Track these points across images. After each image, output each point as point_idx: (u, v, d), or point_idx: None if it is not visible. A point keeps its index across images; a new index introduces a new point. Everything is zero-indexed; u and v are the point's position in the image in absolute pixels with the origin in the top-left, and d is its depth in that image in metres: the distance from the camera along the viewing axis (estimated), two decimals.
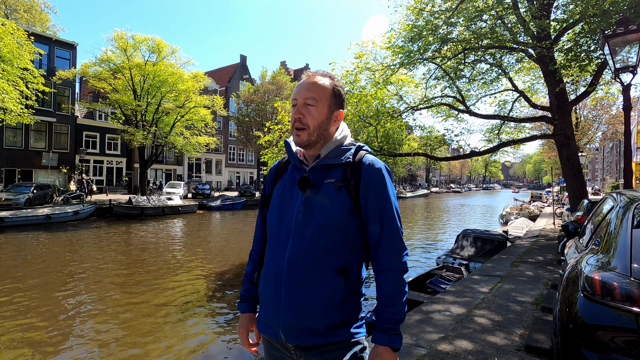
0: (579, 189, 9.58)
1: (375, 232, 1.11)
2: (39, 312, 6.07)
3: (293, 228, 1.10)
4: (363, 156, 1.15)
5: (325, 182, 1.11)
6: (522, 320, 3.75)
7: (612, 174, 51.33)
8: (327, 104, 1.14)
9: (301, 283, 1.07)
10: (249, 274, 1.31)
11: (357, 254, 1.13)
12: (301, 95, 1.12)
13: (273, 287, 1.11)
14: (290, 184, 1.18)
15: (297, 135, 1.13)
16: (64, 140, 24.88)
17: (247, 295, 1.29)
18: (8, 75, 13.78)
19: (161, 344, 5.07)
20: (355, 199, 1.09)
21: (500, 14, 8.94)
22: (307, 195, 1.11)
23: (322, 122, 1.14)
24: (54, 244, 11.91)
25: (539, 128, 22.97)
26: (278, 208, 1.16)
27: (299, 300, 1.06)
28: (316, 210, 1.09)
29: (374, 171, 1.12)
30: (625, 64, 4.48)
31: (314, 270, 1.06)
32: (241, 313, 1.28)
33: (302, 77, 1.18)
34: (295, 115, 1.12)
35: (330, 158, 1.14)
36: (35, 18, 28.70)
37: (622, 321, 1.64)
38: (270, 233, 1.18)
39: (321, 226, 1.07)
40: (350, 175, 1.11)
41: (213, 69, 45.61)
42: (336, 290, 1.07)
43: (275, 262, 1.11)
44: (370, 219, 1.11)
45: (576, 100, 10.17)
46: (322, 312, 1.07)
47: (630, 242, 1.86)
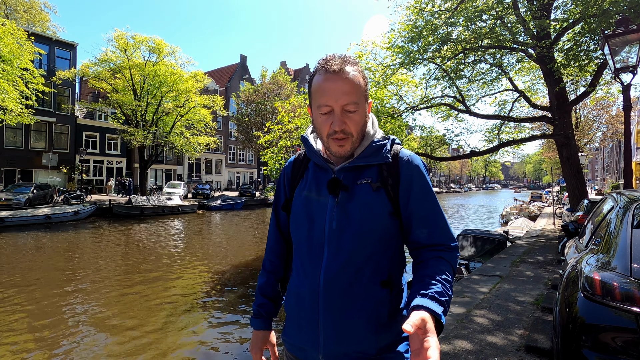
0: (579, 189, 9.58)
1: (421, 236, 0.98)
2: (38, 311, 6.07)
3: (327, 239, 0.96)
4: (399, 151, 1.02)
5: (358, 184, 0.98)
6: (522, 320, 3.75)
7: (612, 174, 51.33)
8: (365, 102, 0.98)
9: (343, 302, 0.94)
10: (263, 286, 1.17)
11: (398, 261, 1.01)
12: (339, 102, 0.92)
13: (309, 308, 0.97)
14: (315, 187, 1.03)
15: (340, 146, 0.96)
16: (64, 140, 24.88)
17: (262, 311, 1.14)
18: (8, 75, 13.78)
19: (161, 343, 5.07)
20: (394, 200, 0.97)
21: (500, 14, 8.94)
22: (339, 199, 0.97)
23: (364, 125, 0.99)
24: (54, 244, 11.91)
25: (539, 128, 22.98)
26: (305, 215, 1.02)
27: (343, 322, 0.93)
28: (353, 216, 0.95)
29: (414, 168, 0.99)
30: (625, 64, 4.48)
31: (356, 285, 0.94)
32: (254, 330, 1.14)
33: (323, 69, 0.94)
34: (338, 127, 0.93)
35: (365, 157, 0.99)
36: (35, 18, 28.69)
37: (622, 321, 1.64)
38: (299, 245, 1.04)
39: (361, 234, 0.94)
40: (387, 173, 0.98)
41: (213, 69, 45.64)
42: (382, 306, 0.95)
43: (309, 279, 0.98)
44: (415, 222, 0.97)
45: (576, 100, 10.17)
46: (371, 333, 0.94)
47: (630, 242, 1.86)
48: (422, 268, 0.94)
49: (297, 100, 12.99)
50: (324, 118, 0.95)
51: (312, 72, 0.99)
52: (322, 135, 0.97)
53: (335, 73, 0.92)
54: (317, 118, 0.97)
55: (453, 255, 0.96)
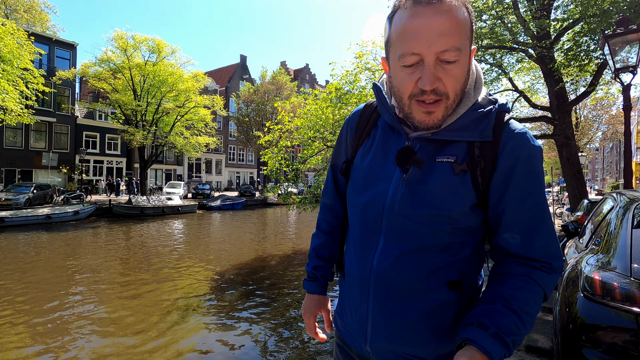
0: (579, 189, 9.58)
1: (512, 243, 0.75)
2: (38, 311, 6.07)
3: (385, 220, 0.78)
4: (505, 124, 0.74)
5: (438, 161, 0.75)
6: None
7: (612, 174, 51.34)
8: (469, 48, 0.71)
9: (397, 295, 0.78)
10: (319, 248, 1.02)
11: (475, 260, 0.81)
12: (433, 47, 0.65)
13: (358, 293, 0.83)
14: (382, 153, 0.82)
15: (428, 112, 0.71)
16: (64, 140, 24.90)
17: (318, 274, 1.00)
18: (8, 75, 13.79)
19: (160, 343, 5.07)
20: (482, 189, 0.74)
21: (500, 14, 8.94)
22: (408, 175, 0.76)
23: (465, 81, 0.73)
24: (54, 244, 11.91)
25: (539, 128, 23.00)
26: (363, 186, 0.83)
27: (395, 317, 0.78)
28: (423, 200, 0.74)
29: (522, 152, 0.73)
30: (625, 64, 4.48)
31: (416, 280, 0.76)
32: (307, 293, 1.01)
33: (410, 1, 0.67)
34: (429, 83, 0.67)
35: (456, 130, 0.74)
36: (35, 18, 28.71)
37: (622, 321, 1.64)
38: (353, 219, 0.86)
39: (429, 224, 0.75)
40: (479, 154, 0.74)
41: (213, 69, 45.66)
42: (447, 308, 0.77)
43: (360, 261, 0.83)
44: (506, 224, 0.75)
45: (576, 100, 10.18)
46: (429, 337, 0.78)
47: (630, 242, 1.86)
48: (500, 283, 0.73)
49: (297, 100, 13.00)
50: (408, 72, 0.69)
51: (393, 10, 0.71)
52: (402, 96, 0.73)
53: (430, 4, 0.65)
54: (398, 73, 0.72)
55: (551, 279, 0.73)
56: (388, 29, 0.73)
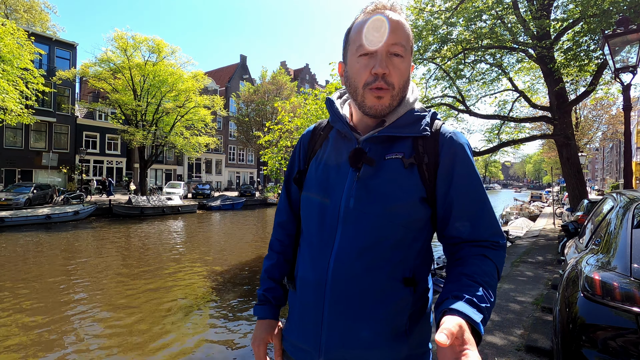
0: (579, 189, 9.58)
1: (463, 230, 0.81)
2: (38, 311, 6.07)
3: (342, 220, 0.81)
4: (440, 126, 0.86)
5: (387, 158, 0.82)
6: (522, 320, 3.75)
7: (612, 174, 51.33)
8: (410, 58, 0.84)
9: (354, 297, 0.79)
10: (271, 269, 1.00)
11: (425, 256, 0.85)
12: (385, 40, 0.78)
13: (313, 299, 0.83)
14: (335, 158, 0.88)
15: (378, 97, 0.80)
16: (64, 140, 24.88)
17: (269, 296, 0.97)
18: (8, 75, 13.78)
19: (160, 343, 5.07)
20: (428, 183, 0.81)
21: (500, 14, 8.95)
22: (361, 174, 0.82)
23: (407, 81, 0.84)
24: (54, 243, 11.91)
25: (539, 128, 22.99)
26: (319, 190, 0.87)
27: (352, 321, 0.78)
28: (376, 196, 0.79)
29: (459, 147, 0.82)
30: (625, 64, 4.48)
31: (372, 279, 0.78)
32: (258, 319, 0.97)
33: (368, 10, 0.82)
34: (380, 69, 0.78)
35: (399, 127, 0.83)
36: (35, 18, 28.71)
37: (622, 321, 1.64)
38: (308, 225, 0.89)
39: (383, 219, 0.78)
40: (423, 150, 0.82)
41: (213, 69, 45.66)
42: (402, 308, 0.79)
43: (316, 265, 0.83)
44: (456, 213, 0.81)
45: (576, 100, 10.18)
46: (385, 339, 0.78)
47: (630, 242, 1.86)
48: (460, 265, 0.77)
49: (297, 100, 12.99)
50: (364, 62, 0.80)
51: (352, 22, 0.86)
52: (357, 85, 0.82)
53: (383, 12, 0.80)
54: (354, 65, 0.82)
55: (500, 255, 0.80)
56: (346, 35, 0.86)
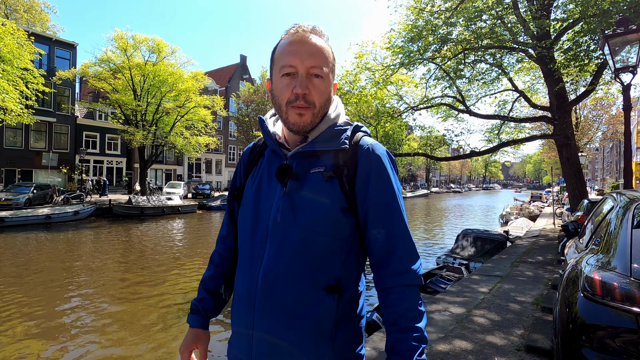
0: (579, 189, 9.58)
1: (378, 238, 0.86)
2: (38, 311, 6.07)
3: (270, 233, 0.85)
4: (360, 138, 0.90)
5: (311, 172, 0.86)
6: (522, 321, 3.75)
7: (612, 174, 51.33)
8: (331, 76, 0.90)
9: (280, 306, 0.82)
10: (206, 280, 1.05)
11: (352, 264, 0.88)
12: (304, 63, 0.83)
13: (245, 311, 0.86)
14: (267, 175, 0.92)
15: (300, 115, 0.85)
16: (64, 140, 24.87)
17: (200, 306, 1.02)
18: (8, 75, 13.78)
19: (160, 342, 5.07)
20: (349, 193, 0.85)
21: (500, 14, 8.95)
22: (287, 189, 0.86)
23: (328, 100, 0.89)
24: (54, 244, 11.91)
25: (539, 128, 22.99)
26: (252, 206, 0.91)
27: (278, 329, 0.82)
28: (300, 208, 0.84)
29: (374, 158, 0.87)
30: (625, 64, 4.48)
31: (297, 288, 0.82)
32: (189, 327, 1.02)
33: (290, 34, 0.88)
34: (301, 90, 0.83)
35: (320, 142, 0.88)
36: (35, 18, 28.71)
37: (622, 321, 1.64)
38: (243, 238, 0.92)
39: (307, 230, 0.83)
40: (343, 163, 0.86)
41: (213, 69, 45.62)
42: (326, 315, 0.83)
43: (247, 278, 0.87)
44: (371, 221, 0.86)
45: (576, 100, 10.18)
46: (310, 346, 0.82)
47: (630, 242, 1.86)
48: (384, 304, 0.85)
49: None
50: (286, 82, 0.85)
51: (277, 42, 0.91)
52: (281, 103, 0.87)
53: (304, 36, 0.86)
54: (278, 84, 0.87)
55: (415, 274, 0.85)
56: (272, 54, 0.90)
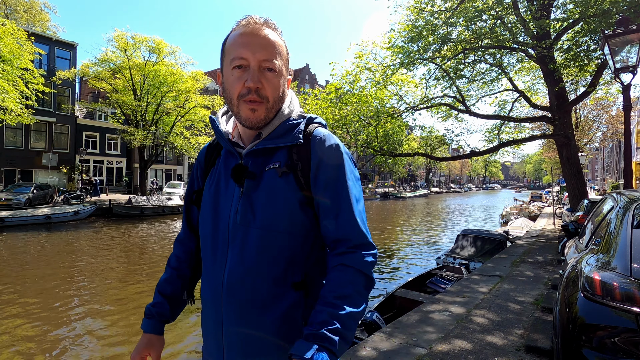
0: (579, 189, 9.58)
1: (329, 228, 0.83)
2: (38, 311, 6.07)
3: (231, 235, 0.84)
4: (313, 130, 0.88)
5: (267, 170, 0.85)
6: (522, 321, 3.75)
7: (612, 174, 51.33)
8: (286, 70, 0.88)
9: (247, 307, 0.82)
10: (162, 284, 1.02)
11: (317, 259, 0.88)
12: (256, 55, 0.80)
13: (213, 315, 0.86)
14: (224, 175, 0.90)
15: (253, 110, 0.82)
16: (64, 140, 24.87)
17: (154, 311, 0.98)
18: (8, 75, 13.77)
19: None
20: (305, 187, 0.83)
21: (500, 14, 8.95)
22: (244, 189, 0.84)
23: (282, 95, 0.87)
24: (54, 244, 11.91)
25: (539, 128, 22.98)
26: (211, 208, 0.89)
27: (249, 330, 0.82)
28: (259, 207, 0.82)
29: (325, 149, 0.84)
30: (625, 64, 4.48)
31: (263, 288, 0.81)
32: (143, 332, 0.98)
33: (241, 25, 0.84)
34: (253, 84, 0.80)
35: (273, 138, 0.86)
36: (35, 18, 28.70)
37: (622, 321, 1.64)
38: (204, 242, 0.90)
39: (267, 229, 0.82)
40: (297, 157, 0.84)
41: (213, 69, 45.60)
42: (295, 311, 0.82)
43: (212, 282, 0.86)
44: (323, 212, 0.83)
45: (576, 100, 10.18)
46: (282, 341, 0.81)
47: (630, 242, 1.86)
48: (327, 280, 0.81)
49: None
50: (237, 75, 0.81)
51: (229, 33, 0.87)
52: (232, 97, 0.83)
53: (256, 28, 0.82)
54: (229, 77, 0.83)
55: (359, 257, 0.79)
56: (223, 45, 0.87)
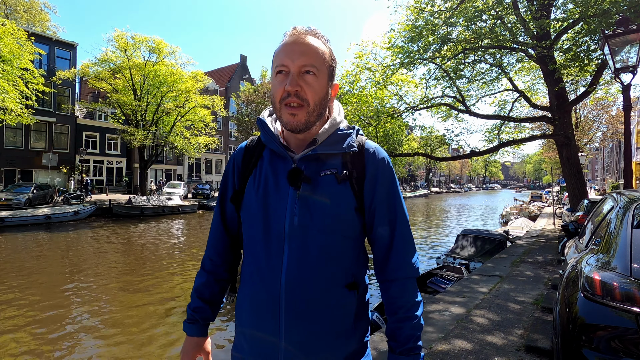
0: (579, 189, 9.58)
1: (384, 235, 0.92)
2: (38, 312, 6.07)
3: (287, 236, 0.87)
4: (364, 142, 0.95)
5: (322, 175, 0.89)
6: (522, 321, 3.75)
7: (612, 174, 51.32)
8: (327, 74, 0.91)
9: (308, 307, 0.86)
10: (201, 288, 1.04)
11: (362, 261, 0.95)
12: (296, 61, 0.85)
13: (269, 316, 0.87)
14: (273, 178, 0.92)
15: (293, 114, 0.86)
16: (64, 140, 24.87)
17: (197, 316, 1.03)
18: (8, 75, 13.77)
19: (160, 342, 5.07)
20: (358, 195, 0.90)
21: (500, 14, 8.94)
22: (301, 192, 0.88)
23: (323, 98, 0.90)
24: (54, 244, 11.91)
25: (539, 128, 22.98)
26: (261, 210, 0.91)
27: (308, 329, 0.86)
28: (317, 211, 0.87)
29: (380, 161, 0.93)
30: (625, 64, 4.48)
31: (322, 288, 0.87)
32: (187, 336, 1.03)
33: (286, 36, 0.91)
34: (291, 87, 0.84)
35: (329, 145, 0.91)
36: (35, 18, 28.70)
37: (622, 321, 1.64)
38: (253, 244, 0.93)
39: (326, 231, 0.87)
40: (351, 165, 0.91)
41: (213, 69, 45.62)
42: (349, 310, 0.90)
43: (267, 283, 0.88)
44: (378, 220, 0.92)
45: (576, 100, 10.17)
46: (339, 340, 0.88)
47: (630, 242, 1.86)
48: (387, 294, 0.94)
49: None
50: (279, 80, 0.87)
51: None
52: (275, 101, 0.88)
53: (298, 37, 0.88)
54: (274, 82, 0.89)
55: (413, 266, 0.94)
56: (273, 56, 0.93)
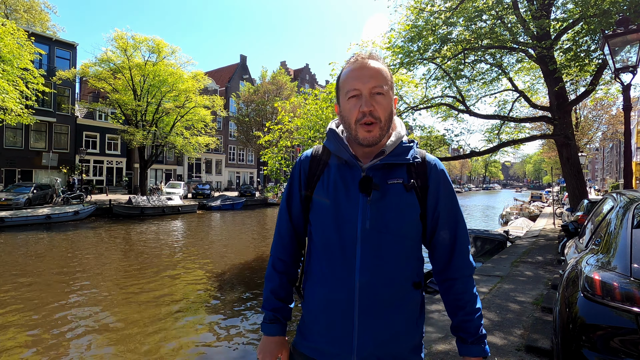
0: (579, 189, 9.58)
1: (445, 238, 1.03)
2: (38, 312, 6.06)
3: (360, 240, 0.94)
4: (425, 155, 1.05)
5: (389, 183, 0.98)
6: (522, 321, 3.75)
7: (612, 174, 51.32)
8: (392, 92, 1.01)
9: (380, 305, 0.94)
10: (277, 289, 1.08)
11: (422, 262, 1.05)
12: (367, 84, 0.95)
13: (343, 313, 0.95)
14: (342, 184, 1.00)
15: (369, 131, 0.96)
16: (64, 140, 24.88)
17: (279, 315, 1.07)
18: (8, 75, 13.78)
19: (160, 343, 5.07)
20: (422, 202, 0.99)
21: (500, 14, 8.94)
22: (371, 198, 0.96)
23: (390, 113, 1.00)
24: (54, 244, 11.91)
25: (539, 128, 22.97)
26: (333, 215, 0.98)
27: (382, 324, 0.94)
28: (387, 216, 0.95)
29: (441, 173, 1.03)
30: (625, 64, 4.48)
31: (394, 288, 0.95)
32: (267, 335, 1.07)
33: (352, 61, 1.01)
34: (367, 108, 0.94)
35: (395, 156, 1.00)
36: (35, 18, 28.69)
37: (622, 321, 1.64)
38: (326, 247, 1.00)
39: (397, 235, 0.96)
40: (416, 175, 1.00)
41: (213, 69, 45.64)
42: (415, 306, 1.00)
43: (341, 284, 0.95)
44: (442, 225, 1.02)
45: (576, 100, 10.17)
46: (407, 334, 0.98)
47: (630, 242, 1.86)
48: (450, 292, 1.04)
49: (297, 100, 12.97)
50: (353, 103, 0.97)
51: (340, 70, 1.05)
52: (350, 122, 0.98)
53: (363, 62, 0.98)
54: (346, 106, 0.99)
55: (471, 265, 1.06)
56: (337, 83, 1.04)
